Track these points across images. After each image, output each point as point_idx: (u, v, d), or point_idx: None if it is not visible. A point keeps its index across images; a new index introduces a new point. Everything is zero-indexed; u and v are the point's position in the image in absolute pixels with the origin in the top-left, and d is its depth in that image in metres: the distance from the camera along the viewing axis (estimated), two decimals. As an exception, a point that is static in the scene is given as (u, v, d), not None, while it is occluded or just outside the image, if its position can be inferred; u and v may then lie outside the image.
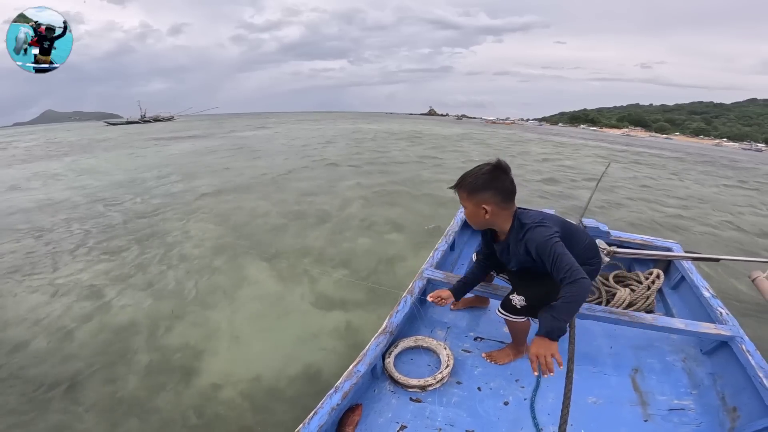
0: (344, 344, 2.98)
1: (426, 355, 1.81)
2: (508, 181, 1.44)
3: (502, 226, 1.53)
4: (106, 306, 3.62)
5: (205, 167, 11.68)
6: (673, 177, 13.70)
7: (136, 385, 2.59)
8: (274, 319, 3.37)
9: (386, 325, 1.74)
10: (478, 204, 1.46)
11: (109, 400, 2.46)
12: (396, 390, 1.61)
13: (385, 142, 20.11)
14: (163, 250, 4.88)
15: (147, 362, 2.82)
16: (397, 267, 4.41)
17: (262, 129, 31.76)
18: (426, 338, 1.83)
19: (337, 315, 3.40)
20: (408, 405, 1.54)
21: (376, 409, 1.51)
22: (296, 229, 5.66)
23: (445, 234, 2.62)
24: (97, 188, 8.88)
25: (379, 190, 8.22)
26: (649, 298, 2.21)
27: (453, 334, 2.00)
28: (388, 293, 3.75)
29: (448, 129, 37.67)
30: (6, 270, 4.41)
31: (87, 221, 6.29)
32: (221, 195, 7.82)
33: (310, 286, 3.93)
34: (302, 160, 12.96)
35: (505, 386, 1.65)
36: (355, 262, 4.51)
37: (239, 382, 2.58)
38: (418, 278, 2.08)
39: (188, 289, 3.90)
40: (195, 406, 2.40)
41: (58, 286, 4.02)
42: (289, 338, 3.09)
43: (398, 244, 5.13)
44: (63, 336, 3.15)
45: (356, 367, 1.50)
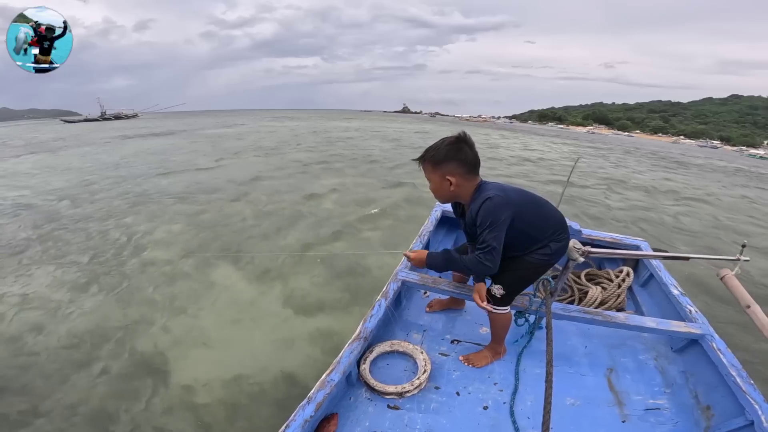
0: (321, 347, 2.91)
1: (402, 360, 1.75)
2: (472, 152, 1.44)
3: (466, 197, 1.51)
4: (65, 314, 3.41)
5: (170, 166, 11.17)
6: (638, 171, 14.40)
7: (105, 394, 2.46)
8: (248, 322, 3.27)
9: (360, 330, 1.66)
10: (443, 176, 1.45)
11: (70, 411, 2.31)
12: (373, 397, 1.55)
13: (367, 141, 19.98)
14: (127, 254, 4.64)
15: (116, 372, 2.68)
16: (374, 268, 4.36)
17: (231, 127, 30.79)
18: (402, 342, 1.77)
19: (316, 317, 3.32)
20: (385, 413, 1.49)
21: (352, 417, 1.46)
22: (268, 230, 5.52)
23: (419, 234, 2.56)
24: (51, 189, 8.30)
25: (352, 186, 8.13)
26: (620, 296, 2.25)
27: (429, 337, 1.94)
28: (364, 293, 3.69)
29: (430, 127, 37.91)
30: None
31: (41, 224, 5.88)
32: (188, 196, 7.50)
33: (283, 288, 3.84)
34: (272, 158, 12.67)
35: (484, 390, 1.62)
36: (331, 263, 4.42)
37: (215, 388, 2.48)
38: (393, 281, 2.01)
39: (156, 294, 3.73)
40: (167, 411, 2.30)
41: (13, 295, 3.73)
42: (267, 341, 3.00)
43: (375, 243, 5.07)
44: (19, 345, 2.95)
45: (330, 375, 1.42)
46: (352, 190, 8.11)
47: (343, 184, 8.58)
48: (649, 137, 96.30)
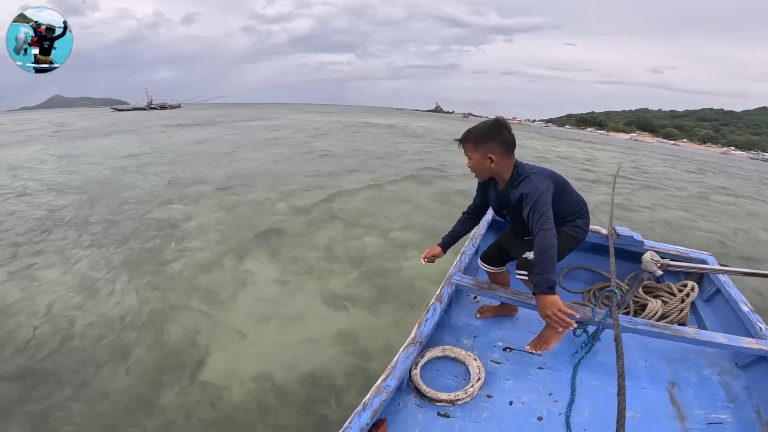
0: (351, 347, 2.89)
1: (453, 366, 1.72)
2: (510, 134, 1.62)
3: (504, 175, 1.67)
4: (108, 298, 3.53)
5: (212, 156, 11.63)
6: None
7: (138, 382, 2.51)
8: (278, 317, 3.28)
9: (415, 334, 1.64)
10: (485, 154, 1.61)
11: (108, 398, 2.37)
12: (422, 404, 1.52)
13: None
14: (168, 242, 4.81)
15: (149, 359, 2.74)
16: (405, 266, 4.33)
17: (266, 120, 31.63)
18: (454, 348, 1.74)
19: (346, 316, 3.31)
20: (435, 420, 1.46)
21: (401, 424, 1.43)
22: (304, 225, 5.58)
23: (471, 237, 2.52)
24: (103, 174, 8.84)
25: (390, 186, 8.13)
26: (683, 311, 2.14)
27: (480, 343, 1.90)
28: (397, 295, 3.65)
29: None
30: (8, 255, 4.35)
31: (90, 205, 6.25)
32: (227, 185, 7.76)
33: (318, 284, 3.84)
34: (309, 153, 12.89)
35: (538, 401, 1.57)
36: (364, 261, 4.42)
37: (244, 383, 2.50)
38: (446, 284, 1.98)
39: (192, 283, 3.81)
40: (196, 405, 2.32)
41: (62, 274, 3.94)
42: (296, 337, 3.00)
43: (407, 241, 5.04)
44: (64, 329, 3.06)
45: (386, 381, 1.40)
46: (385, 187, 8.12)
47: (376, 180, 8.61)
48: (696, 147, 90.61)
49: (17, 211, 6.05)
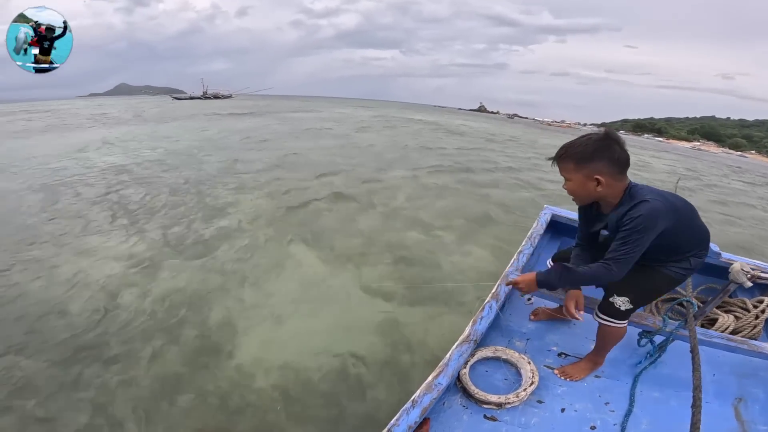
0: (384, 340, 2.89)
1: (503, 368, 1.67)
2: (623, 151, 1.35)
3: (611, 199, 1.41)
4: (155, 274, 3.70)
5: (261, 144, 12.11)
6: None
7: (175, 360, 2.59)
8: (316, 305, 3.33)
9: (470, 332, 1.61)
10: (590, 175, 1.36)
11: (146, 374, 2.46)
12: (468, 404, 1.49)
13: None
14: (214, 223, 5.07)
15: (188, 337, 2.82)
16: (444, 261, 4.31)
17: (311, 112, 32.39)
18: (506, 350, 1.69)
19: (381, 307, 3.31)
20: (481, 423, 1.43)
21: (445, 424, 1.40)
22: (344, 213, 5.71)
23: (529, 236, 2.44)
24: (158, 155, 9.49)
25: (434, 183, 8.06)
26: (756, 327, 2.02)
27: (533, 347, 1.84)
28: (434, 290, 3.63)
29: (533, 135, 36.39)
30: (56, 230, 4.68)
31: (145, 186, 6.72)
32: (273, 172, 8.07)
33: (355, 275, 3.89)
34: (352, 145, 13.06)
35: (593, 409, 1.51)
36: (402, 254, 4.43)
37: (274, 369, 2.54)
38: (503, 282, 1.92)
39: (235, 264, 3.97)
40: (229, 390, 2.37)
41: (107, 250, 4.20)
42: (331, 326, 3.04)
43: (447, 238, 4.98)
44: (108, 302, 3.22)
45: (437, 378, 1.37)
46: (426, 181, 8.07)
47: (416, 174, 8.58)
48: (765, 159, 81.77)
49: (89, 186, 6.67)
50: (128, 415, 2.15)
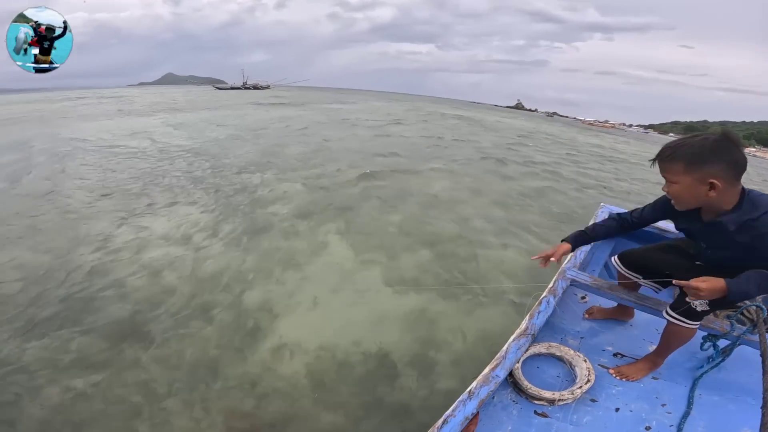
0: (416, 333, 2.88)
1: (555, 365, 1.66)
2: (742, 154, 1.25)
3: (722, 206, 1.32)
4: (195, 253, 3.85)
5: (298, 132, 12.47)
6: None
7: (213, 342, 2.66)
8: (350, 294, 3.35)
9: (527, 326, 1.60)
10: (702, 178, 1.26)
11: (179, 353, 2.53)
12: (518, 400, 1.47)
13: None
14: (253, 207, 5.24)
15: (226, 320, 2.89)
16: (480, 256, 4.27)
17: (346, 104, 32.72)
18: (561, 346, 1.67)
19: (412, 300, 3.29)
20: (531, 419, 1.40)
21: (494, 419, 1.38)
22: (379, 203, 5.75)
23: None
24: (204, 141, 10.01)
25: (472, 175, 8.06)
26: None
27: (587, 345, 1.81)
28: (465, 279, 3.62)
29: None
30: (112, 207, 5.02)
31: (192, 169, 7.06)
32: (311, 160, 8.26)
33: (389, 265, 3.89)
34: (387, 137, 13.15)
35: (649, 410, 1.49)
36: (438, 247, 4.40)
37: (307, 354, 2.57)
38: (561, 278, 1.90)
39: (272, 248, 4.07)
40: (262, 373, 2.40)
41: (152, 229, 4.40)
42: (363, 315, 3.05)
43: (484, 232, 4.99)
44: (152, 280, 3.35)
45: (494, 371, 1.36)
46: (461, 175, 8.03)
47: (451, 168, 8.55)
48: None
49: (146, 164, 7.20)
50: (167, 394, 2.22)
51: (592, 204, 6.71)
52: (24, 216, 4.68)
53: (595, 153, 15.42)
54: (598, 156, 14.50)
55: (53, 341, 2.58)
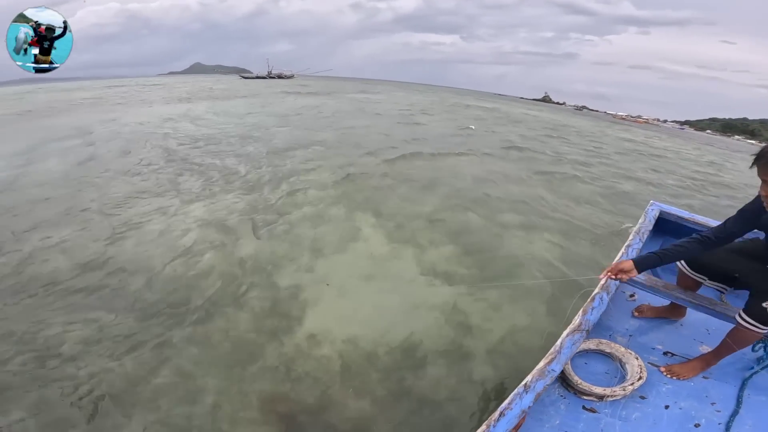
0: (446, 322, 2.85)
1: (604, 361, 1.68)
2: None
3: None
4: (231, 239, 3.89)
5: (325, 120, 12.50)
6: None
7: (246, 326, 2.69)
8: (380, 279, 3.35)
9: (582, 322, 1.59)
10: None
11: (211, 337, 2.56)
12: (566, 395, 1.50)
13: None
14: (284, 193, 5.28)
15: (260, 304, 2.91)
16: (509, 248, 4.17)
17: (371, 94, 32.58)
18: (611, 343, 1.68)
19: (443, 290, 3.26)
20: (580, 413, 1.43)
21: (541, 413, 1.41)
22: (407, 192, 5.68)
23: (637, 230, 2.37)
24: (235, 128, 10.16)
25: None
26: None
27: (636, 343, 1.82)
28: (497, 276, 3.52)
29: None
30: (137, 191, 5.12)
31: (224, 155, 7.15)
32: (339, 148, 8.28)
33: (419, 254, 3.85)
34: (412, 126, 13.01)
35: (698, 408, 1.50)
36: (469, 237, 4.33)
37: (337, 341, 2.58)
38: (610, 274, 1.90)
39: (303, 234, 4.09)
40: (294, 358, 2.42)
41: (185, 214, 4.47)
42: (392, 303, 3.03)
43: (514, 223, 4.85)
44: (191, 265, 3.40)
45: (550, 365, 1.37)
46: (489, 166, 7.85)
47: (481, 160, 8.36)
48: None
49: (180, 151, 7.36)
50: (202, 377, 2.26)
51: (625, 196, 6.41)
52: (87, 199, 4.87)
53: (630, 149, 14.80)
54: (631, 151, 13.92)
55: (93, 323, 2.65)
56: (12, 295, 2.89)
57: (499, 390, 2.28)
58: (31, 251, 3.50)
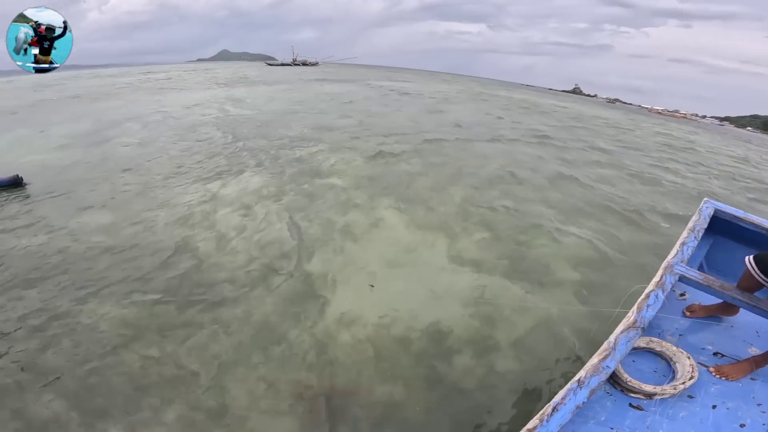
0: (475, 311, 2.81)
1: (653, 360, 1.66)
2: None
3: None
4: (260, 222, 3.92)
5: (351, 106, 12.50)
6: None
7: (274, 309, 2.70)
8: (409, 266, 3.33)
9: (637, 319, 1.57)
10: None
11: (244, 320, 2.58)
12: (612, 391, 1.48)
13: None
14: (313, 177, 5.32)
15: (287, 288, 2.93)
16: (540, 239, 4.08)
17: (396, 82, 32.23)
18: (663, 342, 1.65)
19: (472, 278, 3.23)
20: (626, 411, 1.42)
21: (589, 408, 1.39)
22: (436, 180, 5.61)
23: (692, 228, 2.29)
24: (264, 113, 10.28)
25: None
26: None
27: (685, 343, 1.79)
28: (529, 268, 3.46)
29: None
30: (169, 172, 5.25)
31: (252, 139, 7.27)
32: (366, 134, 8.25)
33: (448, 240, 3.83)
34: (438, 113, 12.80)
35: (745, 409, 1.49)
36: (495, 226, 4.26)
37: (366, 326, 2.57)
38: (668, 273, 1.86)
39: (332, 219, 4.10)
40: (322, 341, 2.41)
41: (215, 195, 4.56)
42: (421, 290, 3.02)
43: (544, 215, 4.70)
44: (222, 247, 3.44)
45: (604, 362, 1.36)
46: (518, 157, 7.62)
47: (509, 150, 8.13)
48: None
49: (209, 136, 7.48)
50: (233, 360, 2.28)
51: (662, 194, 6.11)
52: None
53: (664, 142, 14.08)
54: (665, 145, 13.25)
55: (125, 305, 2.72)
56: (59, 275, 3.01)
57: (530, 383, 2.26)
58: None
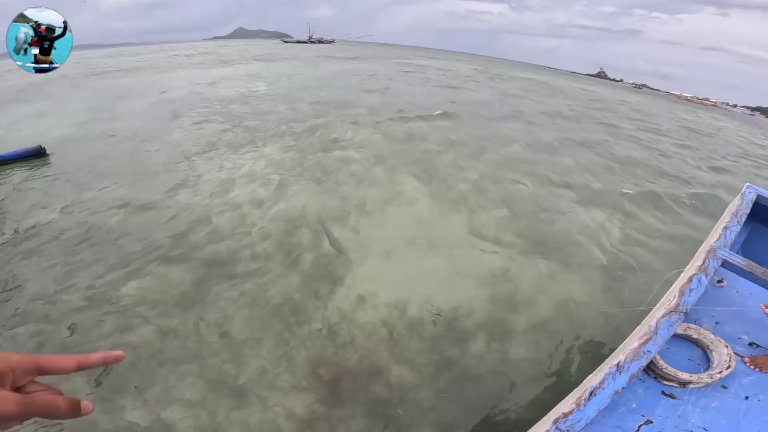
0: (491, 293, 2.72)
1: (689, 347, 1.59)
2: None
3: None
4: (280, 196, 3.90)
5: (370, 83, 12.31)
6: None
7: (293, 285, 2.68)
8: (426, 248, 3.24)
9: (679, 303, 1.51)
10: None
11: (263, 295, 2.56)
12: (645, 378, 1.42)
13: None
14: (333, 151, 5.26)
15: (306, 263, 2.90)
16: (563, 221, 3.95)
17: (417, 60, 31.49)
18: (701, 329, 1.56)
19: (492, 258, 3.13)
20: (659, 398, 1.36)
21: (619, 395, 1.33)
22: (455, 158, 5.48)
23: (735, 213, 2.18)
24: (280, 89, 10.16)
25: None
26: None
27: (721, 331, 1.70)
28: (551, 248, 3.36)
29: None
30: (202, 148, 5.21)
31: (271, 114, 7.22)
32: (384, 111, 8.09)
33: (467, 219, 3.73)
34: (457, 91, 12.51)
35: None
36: (515, 206, 4.14)
37: (381, 306, 2.53)
38: (712, 257, 1.77)
39: (350, 193, 4.05)
40: (339, 321, 2.39)
41: (237, 170, 4.53)
42: (438, 270, 2.94)
43: (565, 197, 4.53)
44: (242, 221, 3.40)
45: (645, 346, 1.31)
46: (540, 137, 7.34)
47: (530, 130, 7.85)
48: None
49: (234, 112, 7.43)
50: (249, 337, 2.28)
51: (681, 169, 5.84)
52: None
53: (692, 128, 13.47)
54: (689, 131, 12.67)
55: (145, 279, 2.73)
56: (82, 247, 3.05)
57: (547, 370, 2.21)
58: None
